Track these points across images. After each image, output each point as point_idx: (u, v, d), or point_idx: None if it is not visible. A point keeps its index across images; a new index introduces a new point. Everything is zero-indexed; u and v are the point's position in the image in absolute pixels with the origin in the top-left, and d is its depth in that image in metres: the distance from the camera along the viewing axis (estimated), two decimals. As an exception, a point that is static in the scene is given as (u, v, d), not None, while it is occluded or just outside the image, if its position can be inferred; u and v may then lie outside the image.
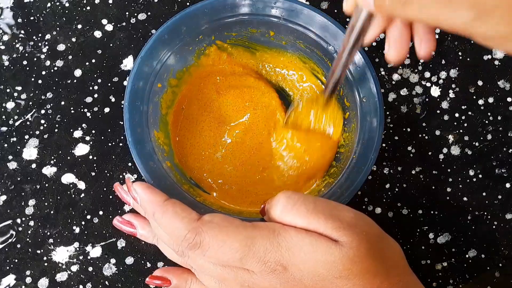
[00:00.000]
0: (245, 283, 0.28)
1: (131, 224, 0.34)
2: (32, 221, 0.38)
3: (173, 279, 0.33)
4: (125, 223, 0.34)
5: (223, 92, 0.40)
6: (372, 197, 0.40)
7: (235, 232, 0.27)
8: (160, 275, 0.33)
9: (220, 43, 0.39)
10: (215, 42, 0.39)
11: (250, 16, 0.37)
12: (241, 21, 0.37)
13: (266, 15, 0.37)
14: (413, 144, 0.41)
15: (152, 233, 0.33)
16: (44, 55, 0.42)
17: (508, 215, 0.40)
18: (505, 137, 0.41)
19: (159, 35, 0.36)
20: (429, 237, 0.40)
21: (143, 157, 0.34)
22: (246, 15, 0.37)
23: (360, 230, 0.27)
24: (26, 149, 0.40)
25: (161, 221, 0.29)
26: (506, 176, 0.41)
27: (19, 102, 0.41)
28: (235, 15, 0.37)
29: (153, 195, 0.30)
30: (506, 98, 0.42)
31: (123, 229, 0.34)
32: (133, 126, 0.34)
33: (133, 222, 0.34)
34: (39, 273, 0.38)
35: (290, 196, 0.28)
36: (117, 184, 0.33)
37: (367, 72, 0.36)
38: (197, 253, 0.28)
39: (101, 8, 0.43)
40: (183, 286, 0.33)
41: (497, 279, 0.39)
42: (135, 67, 0.35)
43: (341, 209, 0.28)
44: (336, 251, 0.26)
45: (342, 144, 0.38)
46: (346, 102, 0.38)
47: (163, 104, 0.38)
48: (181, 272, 0.33)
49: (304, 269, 0.27)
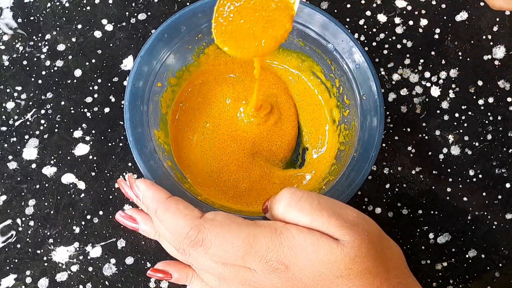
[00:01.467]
0: (246, 282, 0.28)
1: (134, 219, 0.34)
2: (32, 221, 0.38)
3: (174, 273, 0.33)
4: (127, 218, 0.34)
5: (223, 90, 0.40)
6: (372, 197, 0.40)
7: (237, 230, 0.27)
8: (162, 269, 0.33)
9: None
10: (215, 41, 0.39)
11: None
12: None
13: None
14: (413, 144, 0.41)
15: (154, 229, 0.33)
16: (44, 55, 0.42)
17: (508, 215, 0.40)
18: (505, 137, 0.41)
19: (158, 34, 0.36)
20: (429, 237, 0.40)
21: (144, 156, 0.34)
22: None
23: (362, 230, 0.27)
24: (26, 149, 0.40)
25: (163, 218, 0.29)
26: (506, 176, 0.41)
27: (19, 102, 0.41)
28: None
29: (156, 192, 0.30)
30: (506, 98, 0.42)
31: (125, 224, 0.34)
32: (134, 125, 0.34)
33: (136, 217, 0.34)
34: (39, 273, 0.38)
35: (294, 193, 0.28)
36: (120, 179, 0.33)
37: (367, 71, 0.36)
38: (199, 250, 0.28)
39: (101, 8, 0.43)
40: (184, 281, 0.33)
41: (497, 279, 0.39)
42: (135, 67, 0.35)
43: (344, 207, 0.28)
44: (338, 250, 0.26)
45: (343, 142, 0.38)
46: (346, 100, 0.38)
47: (163, 103, 0.38)
48: (182, 266, 0.33)
49: (306, 268, 0.27)
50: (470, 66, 0.43)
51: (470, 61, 0.43)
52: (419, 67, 0.42)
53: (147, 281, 0.38)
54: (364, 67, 0.36)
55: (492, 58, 0.43)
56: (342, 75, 0.37)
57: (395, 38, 0.43)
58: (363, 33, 0.43)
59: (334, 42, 0.37)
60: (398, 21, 0.43)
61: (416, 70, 0.42)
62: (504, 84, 0.42)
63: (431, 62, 0.43)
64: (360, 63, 0.36)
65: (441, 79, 0.42)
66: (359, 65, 0.36)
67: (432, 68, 0.42)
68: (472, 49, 0.43)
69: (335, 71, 0.38)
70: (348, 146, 0.37)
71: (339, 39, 0.36)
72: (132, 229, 0.34)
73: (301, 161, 0.41)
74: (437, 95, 0.42)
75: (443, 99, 0.42)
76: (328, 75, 0.39)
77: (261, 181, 0.39)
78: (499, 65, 0.43)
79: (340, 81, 0.38)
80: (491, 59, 0.43)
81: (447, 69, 0.42)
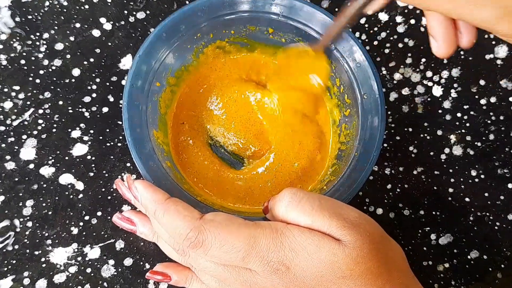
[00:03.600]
0: (247, 283, 0.28)
1: (131, 221, 0.34)
2: (30, 222, 0.38)
3: (173, 275, 0.33)
4: (124, 220, 0.34)
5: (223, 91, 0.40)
6: (374, 198, 0.40)
7: (237, 231, 0.27)
8: (161, 271, 0.33)
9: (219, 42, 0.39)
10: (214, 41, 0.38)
11: (249, 13, 0.37)
12: (240, 18, 0.37)
13: (265, 12, 0.37)
14: (415, 144, 0.41)
15: (152, 231, 0.33)
16: (42, 54, 0.41)
17: (510, 215, 0.40)
18: (507, 137, 0.41)
19: (157, 33, 0.35)
20: (431, 238, 0.39)
21: (143, 156, 0.33)
22: (246, 12, 0.37)
23: (364, 230, 0.27)
24: (24, 149, 0.39)
25: (163, 220, 0.29)
26: (508, 176, 0.40)
27: (16, 101, 0.40)
28: (234, 12, 0.37)
29: (155, 194, 0.30)
30: (508, 97, 0.42)
31: (123, 226, 0.34)
32: (132, 125, 0.34)
33: (133, 219, 0.33)
34: (37, 275, 0.37)
35: (295, 193, 0.28)
36: (118, 180, 0.32)
37: (367, 69, 0.35)
38: (198, 252, 0.28)
39: (100, 7, 0.42)
40: (183, 283, 0.33)
41: (499, 280, 0.39)
42: (134, 66, 0.35)
43: (345, 208, 0.28)
44: (340, 251, 0.26)
45: (343, 142, 0.38)
46: (347, 99, 0.38)
47: (162, 103, 0.37)
48: (181, 268, 0.33)
49: (307, 269, 0.26)
50: (472, 66, 0.42)
51: (472, 60, 0.42)
52: (421, 66, 0.42)
53: (146, 282, 0.37)
54: (365, 66, 0.35)
55: (495, 58, 0.42)
56: (343, 74, 0.37)
57: (397, 37, 0.43)
58: (364, 32, 0.43)
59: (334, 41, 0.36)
60: (399, 20, 0.43)
61: (417, 70, 0.42)
62: (506, 83, 0.42)
63: (433, 61, 0.42)
64: (360, 62, 0.36)
65: (443, 78, 0.42)
66: (359, 64, 0.36)
67: (434, 68, 0.42)
68: (474, 48, 0.42)
69: (336, 70, 0.38)
70: (349, 146, 0.37)
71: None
72: (130, 231, 0.34)
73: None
74: (439, 94, 0.42)
75: (445, 99, 0.42)
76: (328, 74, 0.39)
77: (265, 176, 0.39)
78: (502, 65, 0.42)
79: (341, 80, 0.38)
80: (493, 59, 0.42)
81: (449, 69, 0.42)
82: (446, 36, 0.28)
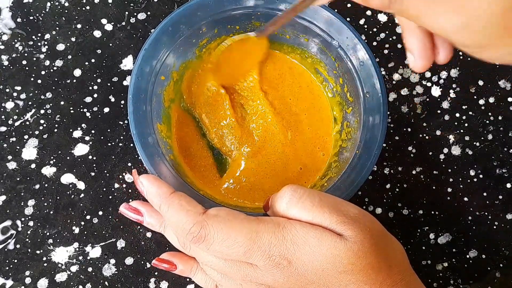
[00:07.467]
0: (248, 277, 0.28)
1: (138, 212, 0.34)
2: (31, 221, 0.38)
3: (179, 264, 0.33)
4: (132, 210, 0.34)
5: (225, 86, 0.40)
6: (373, 197, 0.40)
7: (239, 226, 0.27)
8: (167, 259, 0.33)
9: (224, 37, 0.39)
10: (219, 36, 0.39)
11: (254, 9, 0.37)
12: (245, 14, 0.37)
13: (270, 9, 0.37)
14: (414, 144, 0.41)
15: (159, 222, 0.33)
16: (44, 55, 0.41)
17: (509, 215, 0.40)
18: (505, 137, 0.41)
19: (162, 27, 0.36)
20: (430, 237, 0.40)
21: (147, 150, 0.34)
22: (251, 8, 0.37)
23: (364, 226, 0.27)
24: (26, 149, 0.40)
25: (167, 214, 0.29)
26: (506, 176, 0.41)
27: (18, 102, 0.40)
28: (239, 7, 0.37)
29: (159, 188, 0.30)
30: (506, 98, 0.42)
31: (130, 216, 0.34)
32: (137, 119, 0.34)
33: (140, 210, 0.34)
34: (38, 274, 0.37)
35: (295, 190, 0.28)
36: (134, 171, 0.33)
37: (371, 68, 0.36)
38: (201, 246, 0.28)
39: (101, 7, 0.43)
40: (188, 273, 0.33)
41: (498, 279, 0.39)
42: (139, 59, 0.35)
43: (345, 204, 0.28)
44: (341, 245, 0.26)
45: (345, 140, 0.38)
46: (349, 97, 0.38)
47: (166, 96, 0.38)
48: (187, 258, 0.33)
49: (309, 263, 0.27)
50: (470, 66, 0.43)
51: (471, 60, 0.43)
52: (420, 67, 0.42)
53: (147, 281, 0.38)
54: (368, 64, 0.36)
55: (493, 58, 0.43)
56: (346, 72, 0.37)
57: (396, 37, 0.43)
58: (364, 33, 0.43)
59: (338, 39, 0.37)
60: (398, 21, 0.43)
61: (416, 70, 0.42)
62: (505, 84, 0.42)
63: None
64: (364, 60, 0.36)
65: (441, 78, 0.42)
66: (363, 62, 0.36)
67: (432, 68, 0.42)
68: (473, 49, 0.43)
69: (339, 68, 0.38)
70: (350, 143, 0.37)
71: (343, 35, 0.36)
72: (137, 221, 0.34)
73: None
74: (437, 95, 0.42)
75: (443, 99, 0.42)
76: (331, 72, 0.39)
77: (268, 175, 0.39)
78: (500, 65, 0.42)
79: (344, 78, 0.38)
80: (491, 59, 0.43)
81: (448, 69, 0.42)
82: (422, 51, 0.28)
